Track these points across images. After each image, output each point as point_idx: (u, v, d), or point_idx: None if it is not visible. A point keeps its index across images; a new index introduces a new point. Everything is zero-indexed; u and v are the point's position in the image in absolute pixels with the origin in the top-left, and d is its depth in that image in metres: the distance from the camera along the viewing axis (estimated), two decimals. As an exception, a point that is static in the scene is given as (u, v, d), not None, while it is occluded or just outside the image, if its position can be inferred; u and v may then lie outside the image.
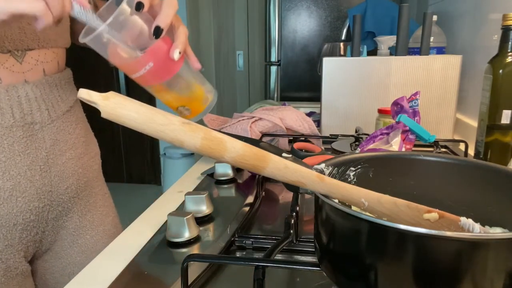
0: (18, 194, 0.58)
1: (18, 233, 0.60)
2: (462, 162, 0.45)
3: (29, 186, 0.59)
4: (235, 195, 0.74)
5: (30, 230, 0.61)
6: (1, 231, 0.58)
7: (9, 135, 0.56)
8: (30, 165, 0.59)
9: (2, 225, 0.57)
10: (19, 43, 0.56)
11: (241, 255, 0.51)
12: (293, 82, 2.05)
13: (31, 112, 0.59)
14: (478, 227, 0.36)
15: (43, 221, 0.63)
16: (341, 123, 1.09)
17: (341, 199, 0.37)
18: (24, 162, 0.58)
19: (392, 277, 0.32)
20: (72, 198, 0.67)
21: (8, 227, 0.58)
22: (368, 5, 1.47)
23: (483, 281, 0.29)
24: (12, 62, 0.56)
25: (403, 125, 0.70)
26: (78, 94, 0.28)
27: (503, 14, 0.72)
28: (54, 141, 0.63)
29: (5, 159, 0.56)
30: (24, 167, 0.58)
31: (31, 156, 0.59)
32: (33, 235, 0.63)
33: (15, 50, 0.56)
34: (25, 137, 0.58)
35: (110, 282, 0.45)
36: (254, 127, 0.89)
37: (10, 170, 0.57)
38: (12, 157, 0.57)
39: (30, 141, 0.59)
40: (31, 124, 0.59)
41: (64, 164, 0.64)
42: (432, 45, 1.15)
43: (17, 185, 0.57)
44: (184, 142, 0.30)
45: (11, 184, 0.57)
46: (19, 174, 0.58)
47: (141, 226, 0.61)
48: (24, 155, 0.58)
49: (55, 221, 0.66)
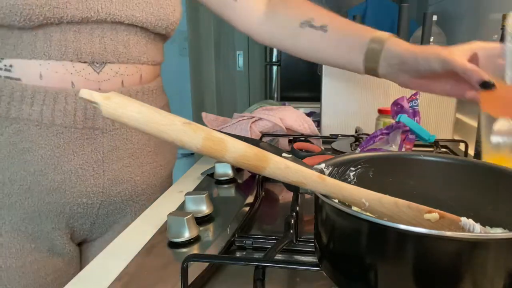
0: (66, 188, 0.61)
1: (65, 220, 0.64)
2: (462, 162, 0.45)
3: (79, 183, 0.62)
4: (235, 195, 0.74)
5: (77, 219, 0.65)
6: (49, 215, 0.62)
7: (67, 134, 0.60)
8: (82, 165, 0.61)
9: (50, 210, 0.61)
10: (98, 57, 0.59)
11: (241, 255, 0.51)
12: (293, 82, 2.05)
13: (93, 118, 0.61)
14: (479, 227, 0.36)
15: (93, 215, 0.66)
16: (341, 123, 1.09)
17: (342, 199, 0.37)
18: (76, 161, 0.61)
19: (392, 277, 0.32)
20: (126, 201, 0.69)
21: (56, 213, 0.62)
22: (368, 5, 1.48)
23: (483, 281, 0.29)
24: (89, 71, 0.59)
25: (403, 125, 0.70)
26: (79, 94, 0.28)
27: (503, 14, 0.71)
28: (112, 147, 0.64)
29: (59, 155, 0.59)
30: (76, 166, 0.61)
31: (85, 157, 0.61)
32: (81, 223, 0.66)
33: (94, 62, 0.59)
34: (82, 139, 0.61)
35: (110, 282, 0.45)
36: (254, 127, 0.89)
37: (62, 166, 0.60)
38: (65, 154, 0.60)
39: (86, 144, 0.61)
40: (90, 128, 0.61)
41: (119, 170, 0.66)
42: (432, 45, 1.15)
43: (66, 179, 0.61)
44: (185, 142, 0.30)
45: (61, 178, 0.60)
46: (70, 170, 0.61)
47: (141, 226, 0.61)
48: (78, 155, 0.61)
49: (106, 217, 0.68)
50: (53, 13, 0.55)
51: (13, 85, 0.57)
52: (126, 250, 0.53)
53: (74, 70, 0.58)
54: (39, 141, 0.58)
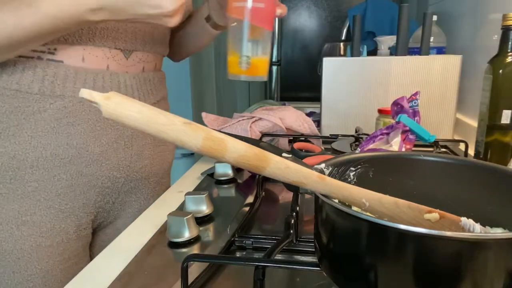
0: (103, 160, 0.67)
1: (94, 196, 0.69)
2: (462, 162, 0.45)
3: (113, 155, 0.68)
4: (235, 195, 0.74)
5: (104, 196, 0.70)
6: (82, 190, 0.67)
7: None
8: (117, 138, 0.68)
9: (84, 184, 0.66)
10: (130, 45, 0.68)
11: (241, 255, 0.51)
12: (293, 82, 2.05)
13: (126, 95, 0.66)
14: (479, 227, 0.36)
15: (116, 191, 0.72)
16: (341, 123, 1.09)
17: (342, 199, 0.37)
18: (113, 134, 0.67)
19: (392, 277, 0.32)
20: (144, 178, 0.75)
21: (89, 187, 0.67)
22: (368, 5, 1.47)
23: (483, 281, 0.29)
24: (121, 57, 0.67)
25: (403, 125, 0.70)
26: (79, 93, 0.28)
27: (503, 14, 0.72)
28: None
29: (99, 128, 0.66)
30: (112, 139, 0.67)
31: (119, 131, 0.68)
32: (105, 202, 0.71)
33: (125, 50, 0.68)
34: None
35: (110, 282, 0.45)
36: (254, 127, 0.89)
37: (101, 139, 0.66)
38: (105, 128, 0.66)
39: None
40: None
41: (143, 146, 0.73)
42: (432, 45, 1.15)
43: (104, 152, 0.67)
44: (185, 142, 0.30)
45: (100, 150, 0.66)
46: (108, 143, 0.67)
47: (141, 226, 0.61)
48: (114, 129, 0.67)
49: (125, 195, 0.74)
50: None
51: (56, 66, 0.62)
52: (126, 250, 0.53)
53: (110, 55, 0.66)
54: (83, 115, 0.64)
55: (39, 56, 0.61)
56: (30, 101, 0.61)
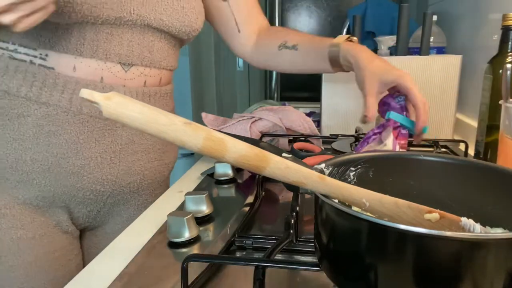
0: (84, 174, 0.65)
1: (74, 204, 0.68)
2: (462, 162, 0.45)
3: (97, 170, 0.66)
4: (235, 195, 0.74)
5: (86, 205, 0.69)
6: (62, 197, 0.66)
7: (92, 123, 0.64)
8: (102, 153, 0.66)
9: (64, 193, 0.66)
10: (125, 58, 0.65)
11: (241, 255, 0.51)
12: (293, 82, 2.05)
13: None
14: (479, 227, 0.36)
15: (101, 203, 0.71)
16: (341, 123, 1.08)
17: (342, 199, 0.37)
18: (97, 149, 0.65)
19: (392, 277, 0.32)
20: (133, 192, 0.74)
21: (69, 196, 0.67)
22: (368, 5, 1.47)
23: (483, 281, 0.29)
24: (118, 69, 0.65)
25: (393, 122, 0.70)
26: (80, 93, 0.28)
27: (503, 14, 0.72)
28: (130, 141, 0.69)
29: (82, 141, 0.64)
30: (96, 154, 0.66)
31: (104, 146, 0.66)
32: (88, 210, 0.70)
33: (120, 63, 0.65)
34: (104, 129, 0.66)
35: (110, 282, 0.45)
36: (254, 127, 0.89)
37: (83, 152, 0.64)
38: (88, 141, 0.64)
39: (108, 134, 0.66)
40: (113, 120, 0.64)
41: (133, 162, 0.71)
42: (432, 45, 1.15)
43: (86, 165, 0.65)
44: (185, 143, 0.30)
45: (81, 163, 0.65)
46: (90, 157, 0.65)
47: (141, 226, 0.61)
48: (99, 144, 0.65)
49: (112, 206, 0.73)
50: (91, 12, 0.59)
51: (46, 73, 0.61)
52: (126, 250, 0.53)
53: (105, 66, 0.64)
54: (65, 126, 0.63)
55: (31, 61, 0.61)
56: (16, 104, 0.61)
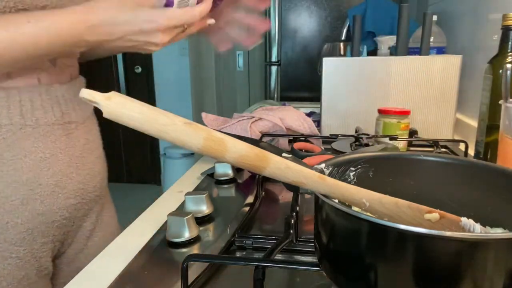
0: (59, 191, 0.60)
1: (53, 230, 0.62)
2: (462, 162, 0.45)
3: (68, 182, 0.61)
4: (235, 195, 0.74)
5: (62, 228, 0.63)
6: (40, 228, 0.59)
7: (52, 132, 0.59)
8: (69, 162, 0.61)
9: (42, 222, 0.59)
10: None
11: (241, 255, 0.51)
12: (293, 82, 2.05)
13: (68, 111, 0.62)
14: (479, 227, 0.36)
15: (72, 220, 0.65)
16: (341, 123, 1.09)
17: (342, 199, 0.37)
18: (64, 159, 0.60)
19: (392, 277, 0.32)
20: (96, 197, 0.70)
21: (48, 223, 0.60)
22: (368, 5, 1.47)
23: (483, 281, 0.29)
24: (48, 65, 0.59)
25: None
26: (80, 94, 0.28)
27: (503, 14, 0.72)
28: (86, 140, 0.66)
29: (49, 155, 0.58)
30: (64, 164, 0.61)
31: (69, 154, 0.61)
32: (62, 233, 0.64)
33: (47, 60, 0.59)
34: (64, 135, 0.61)
35: (110, 282, 0.45)
36: (254, 127, 0.89)
37: (53, 167, 0.59)
38: (55, 154, 0.59)
39: (68, 139, 0.62)
40: (69, 123, 0.62)
41: (93, 162, 0.67)
42: (432, 45, 1.15)
43: (59, 181, 0.60)
44: (186, 142, 0.30)
45: (54, 181, 0.59)
46: (61, 171, 0.60)
47: (141, 226, 0.61)
48: (64, 153, 0.61)
49: (78, 221, 0.68)
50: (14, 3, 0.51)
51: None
52: (126, 250, 0.53)
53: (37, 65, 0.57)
54: (27, 145, 0.55)
55: None
56: None
